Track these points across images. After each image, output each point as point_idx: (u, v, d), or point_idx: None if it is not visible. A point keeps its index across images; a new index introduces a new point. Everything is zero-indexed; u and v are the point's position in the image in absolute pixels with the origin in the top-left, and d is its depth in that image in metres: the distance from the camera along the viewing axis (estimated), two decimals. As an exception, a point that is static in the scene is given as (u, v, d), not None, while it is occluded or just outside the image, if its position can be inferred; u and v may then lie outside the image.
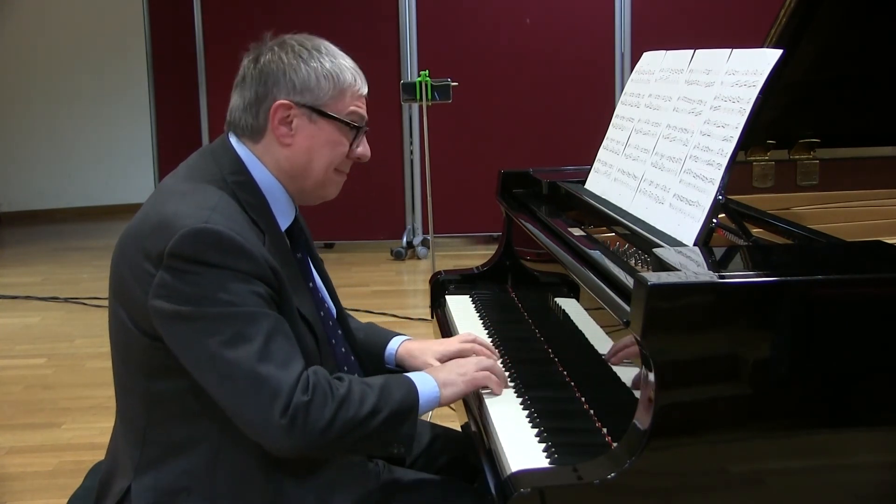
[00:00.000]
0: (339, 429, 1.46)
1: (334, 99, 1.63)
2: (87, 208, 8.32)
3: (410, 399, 1.56)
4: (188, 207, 1.50)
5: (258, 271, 1.49)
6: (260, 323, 1.46)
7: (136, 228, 1.55)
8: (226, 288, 1.45)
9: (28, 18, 8.11)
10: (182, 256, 1.45)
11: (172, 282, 1.46)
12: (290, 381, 1.44)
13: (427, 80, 4.13)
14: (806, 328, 1.31)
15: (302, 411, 1.43)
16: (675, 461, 1.31)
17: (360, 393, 1.50)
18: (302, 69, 1.61)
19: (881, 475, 1.36)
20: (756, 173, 2.36)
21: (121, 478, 1.60)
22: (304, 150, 1.63)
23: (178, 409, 1.54)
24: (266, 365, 1.44)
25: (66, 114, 8.21)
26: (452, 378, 1.65)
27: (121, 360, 1.61)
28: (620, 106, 2.17)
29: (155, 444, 1.56)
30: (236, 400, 1.45)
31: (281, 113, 1.60)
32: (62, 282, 5.99)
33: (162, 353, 1.51)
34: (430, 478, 1.77)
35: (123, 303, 1.56)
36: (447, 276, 2.54)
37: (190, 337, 1.46)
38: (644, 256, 1.72)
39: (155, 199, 1.60)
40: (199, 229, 1.46)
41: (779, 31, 2.06)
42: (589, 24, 6.38)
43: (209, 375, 1.46)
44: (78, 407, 3.83)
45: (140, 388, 1.57)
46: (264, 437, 1.46)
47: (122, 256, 1.56)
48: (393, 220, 6.63)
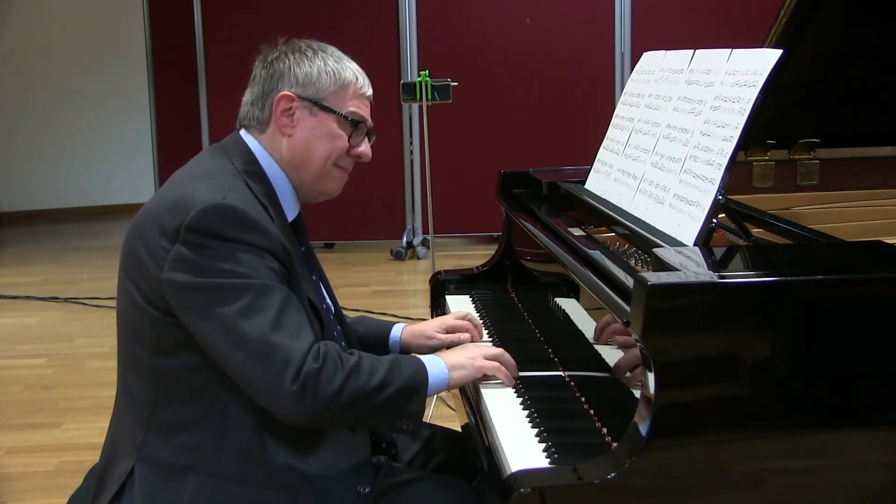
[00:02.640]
0: (348, 397, 1.50)
1: (335, 94, 1.70)
2: (87, 208, 8.33)
3: (420, 376, 1.60)
4: (204, 188, 1.56)
5: (272, 247, 1.55)
6: (273, 295, 1.51)
7: (152, 209, 1.60)
8: (241, 261, 1.51)
9: (28, 18, 8.11)
10: (199, 230, 1.51)
11: (188, 255, 1.51)
12: (301, 349, 1.49)
13: (427, 80, 4.13)
14: (806, 328, 1.31)
15: (313, 378, 1.47)
16: (675, 461, 1.31)
17: (370, 365, 1.55)
18: (305, 65, 1.69)
19: (881, 475, 1.36)
20: (756, 173, 2.36)
21: (122, 462, 1.62)
22: (303, 141, 1.69)
23: (185, 388, 1.58)
24: (279, 334, 1.48)
25: (65, 114, 8.21)
26: (462, 362, 1.70)
27: (129, 337, 1.64)
28: (620, 106, 2.17)
29: (160, 424, 1.59)
30: (248, 368, 1.49)
31: (283, 104, 1.68)
32: (62, 282, 5.99)
33: (172, 329, 1.55)
34: (429, 475, 1.78)
35: (135, 279, 1.59)
36: (447, 276, 2.54)
37: (203, 307, 1.50)
38: (644, 256, 1.72)
39: (169, 185, 1.66)
40: (217, 204, 1.52)
41: (779, 31, 2.06)
42: (589, 24, 6.38)
43: (222, 344, 1.50)
44: (78, 407, 3.83)
45: (147, 366, 1.59)
46: (275, 404, 1.50)
47: (136, 235, 1.60)
48: (393, 220, 6.63)
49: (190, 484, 1.56)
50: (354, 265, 6.26)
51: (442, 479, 1.76)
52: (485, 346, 1.81)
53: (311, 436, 1.63)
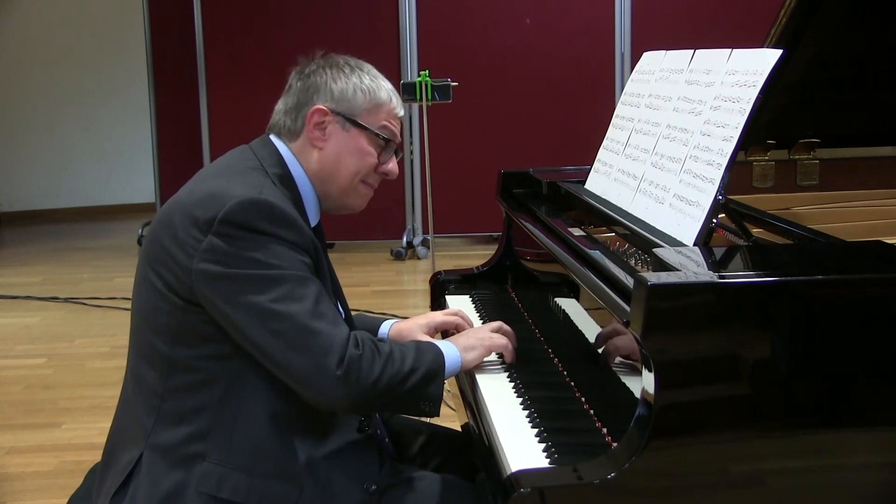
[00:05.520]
0: (385, 383, 1.56)
1: (368, 112, 1.74)
2: (87, 208, 8.32)
3: (439, 361, 1.67)
4: (238, 184, 1.60)
5: (304, 243, 1.60)
6: (309, 285, 1.56)
7: (182, 200, 1.63)
8: (276, 253, 1.55)
9: (28, 18, 8.11)
10: (234, 223, 1.54)
11: (222, 246, 1.53)
12: (342, 335, 1.54)
13: (427, 80, 4.13)
14: (806, 328, 1.31)
15: (356, 363, 1.52)
16: (675, 461, 1.31)
17: (401, 352, 1.61)
18: (341, 81, 1.74)
19: (881, 475, 1.36)
20: (756, 173, 2.36)
21: (130, 449, 1.63)
22: (333, 155, 1.73)
23: (198, 377, 1.60)
24: (318, 321, 1.53)
25: (65, 114, 8.20)
26: (472, 343, 1.78)
27: (145, 325, 1.65)
28: (620, 106, 2.17)
29: (170, 411, 1.60)
30: (288, 354, 1.52)
31: (317, 118, 1.72)
32: (62, 282, 5.99)
33: (192, 318, 1.58)
34: (430, 474, 1.78)
35: (158, 268, 1.61)
36: (447, 276, 2.54)
37: (238, 297, 1.53)
38: (644, 256, 1.72)
39: (199, 179, 1.70)
40: (254, 199, 1.56)
41: (779, 31, 2.06)
42: (589, 24, 6.38)
43: (259, 333, 1.53)
44: (78, 407, 3.83)
45: (161, 354, 1.61)
46: (319, 388, 1.53)
47: (163, 224, 1.62)
48: (393, 220, 6.63)
49: (197, 471, 1.58)
50: (354, 265, 6.26)
51: (443, 478, 1.76)
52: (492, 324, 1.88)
53: (321, 431, 1.65)
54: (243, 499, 1.57)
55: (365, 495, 1.64)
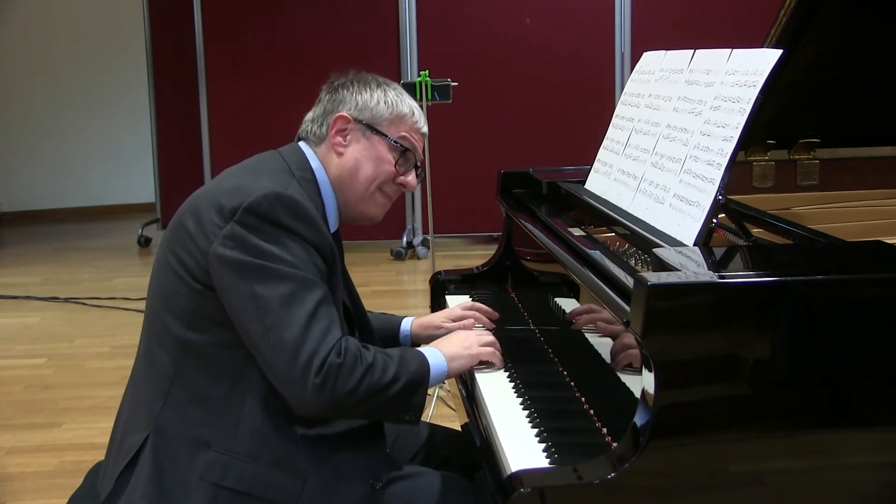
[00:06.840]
0: (362, 393, 1.57)
1: (390, 122, 1.81)
2: (87, 208, 8.32)
3: (423, 370, 1.68)
4: (266, 180, 1.66)
5: (321, 244, 1.64)
6: (313, 290, 1.58)
7: (210, 190, 1.69)
8: (290, 249, 1.59)
9: (28, 19, 8.11)
10: (257, 213, 1.58)
11: (242, 233, 1.58)
12: (329, 343, 1.55)
13: (427, 80, 4.13)
14: (806, 328, 1.31)
15: (334, 372, 1.54)
16: (675, 461, 1.31)
17: (383, 362, 1.62)
18: (366, 93, 1.82)
19: (881, 475, 1.36)
20: (756, 173, 2.36)
21: (136, 432, 1.65)
22: (352, 160, 1.79)
23: (209, 363, 1.62)
24: (311, 328, 1.55)
25: (66, 114, 8.20)
26: (458, 352, 1.79)
27: (162, 307, 1.68)
28: (620, 106, 2.17)
29: (179, 396, 1.63)
30: (275, 354, 1.55)
31: (340, 124, 1.79)
32: (62, 282, 5.98)
33: (208, 303, 1.62)
34: (430, 471, 1.79)
35: (179, 252, 1.66)
36: (447, 276, 2.54)
37: (244, 286, 1.57)
38: (644, 256, 1.72)
39: (227, 174, 1.75)
40: (279, 193, 1.61)
41: (779, 31, 2.06)
42: (589, 24, 6.38)
43: (254, 326, 1.56)
44: (78, 407, 3.82)
45: (175, 337, 1.64)
46: (294, 391, 1.55)
47: (189, 211, 1.67)
48: (393, 220, 6.62)
49: (203, 458, 1.60)
50: (354, 265, 6.20)
51: (443, 475, 1.76)
52: (477, 333, 1.90)
53: (331, 424, 1.67)
54: (247, 488, 1.59)
55: (369, 490, 1.65)
